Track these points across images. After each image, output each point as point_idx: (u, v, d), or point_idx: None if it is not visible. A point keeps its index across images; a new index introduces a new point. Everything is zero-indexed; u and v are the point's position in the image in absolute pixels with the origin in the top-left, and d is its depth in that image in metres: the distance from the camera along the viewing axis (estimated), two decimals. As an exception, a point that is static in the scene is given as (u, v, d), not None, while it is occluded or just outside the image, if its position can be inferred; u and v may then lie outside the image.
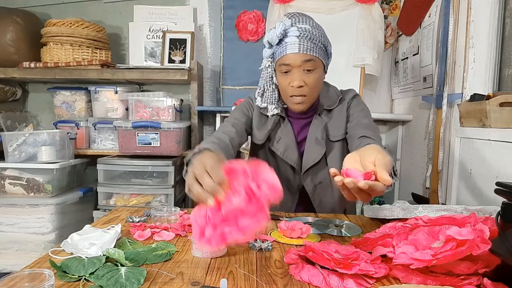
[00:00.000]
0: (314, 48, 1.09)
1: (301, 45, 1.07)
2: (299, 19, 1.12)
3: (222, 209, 0.73)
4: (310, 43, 1.08)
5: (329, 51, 1.15)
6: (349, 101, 1.23)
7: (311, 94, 1.14)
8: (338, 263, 0.72)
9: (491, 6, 1.41)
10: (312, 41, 1.08)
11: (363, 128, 1.13)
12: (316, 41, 1.09)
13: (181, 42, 2.19)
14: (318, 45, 1.10)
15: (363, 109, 1.22)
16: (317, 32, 1.10)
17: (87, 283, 0.71)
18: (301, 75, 1.10)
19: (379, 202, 2.25)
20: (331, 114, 1.23)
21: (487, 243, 0.67)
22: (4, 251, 1.87)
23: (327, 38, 1.14)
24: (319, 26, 1.14)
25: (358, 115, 1.19)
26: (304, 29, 1.08)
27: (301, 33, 1.08)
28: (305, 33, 1.08)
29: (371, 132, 1.11)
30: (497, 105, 1.21)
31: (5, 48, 2.06)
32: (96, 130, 2.15)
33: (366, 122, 1.16)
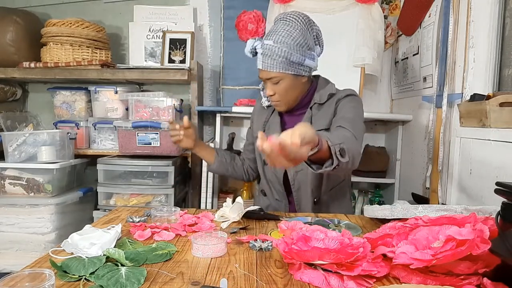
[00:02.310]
0: (274, 64, 1.20)
1: (263, 62, 1.22)
2: (268, 35, 1.23)
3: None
4: (270, 60, 1.20)
5: (296, 60, 1.21)
6: (341, 98, 1.30)
7: (284, 99, 1.28)
8: (340, 265, 0.72)
9: (491, 6, 1.41)
10: (272, 57, 1.20)
11: (343, 120, 1.21)
12: (276, 57, 1.19)
13: (181, 42, 2.19)
14: (278, 60, 1.20)
15: (353, 106, 1.28)
16: (278, 48, 1.19)
17: (88, 283, 0.71)
18: (271, 86, 1.26)
19: (379, 202, 2.25)
20: (321, 108, 1.32)
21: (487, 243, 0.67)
22: (4, 251, 1.87)
23: (294, 47, 1.20)
24: (288, 36, 1.20)
25: (345, 110, 1.26)
26: (266, 46, 1.20)
27: (264, 51, 1.21)
28: (266, 51, 1.20)
29: (349, 124, 1.18)
30: (497, 105, 1.21)
31: (5, 48, 2.06)
32: (96, 130, 2.15)
33: (349, 116, 1.23)
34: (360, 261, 0.73)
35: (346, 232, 0.85)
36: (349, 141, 1.10)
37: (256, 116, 1.48)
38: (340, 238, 0.79)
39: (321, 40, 1.32)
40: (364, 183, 2.35)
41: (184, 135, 1.39)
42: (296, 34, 1.21)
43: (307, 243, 0.77)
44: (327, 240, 0.78)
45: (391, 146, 2.26)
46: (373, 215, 1.07)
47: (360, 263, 0.72)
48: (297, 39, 1.21)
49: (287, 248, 0.76)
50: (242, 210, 1.14)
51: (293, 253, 0.75)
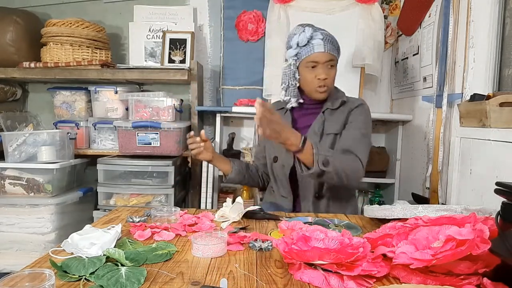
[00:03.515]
0: (334, 49, 1.37)
1: (325, 46, 1.35)
2: (317, 27, 1.39)
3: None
4: (331, 45, 1.36)
5: (340, 51, 1.42)
6: (354, 108, 1.42)
7: (331, 85, 1.42)
8: (340, 265, 0.72)
9: (491, 6, 1.41)
10: (332, 43, 1.37)
11: (351, 139, 1.35)
12: (335, 43, 1.39)
13: (181, 42, 2.19)
14: (336, 46, 1.39)
15: (363, 121, 1.40)
16: (333, 37, 1.39)
17: (88, 283, 0.71)
18: (326, 70, 1.37)
19: (379, 202, 2.25)
20: (334, 114, 1.42)
21: (487, 243, 0.67)
22: (4, 251, 1.87)
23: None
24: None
25: (355, 125, 1.38)
26: (325, 33, 1.37)
27: (324, 37, 1.35)
28: (327, 37, 1.36)
29: (355, 144, 1.32)
30: (497, 105, 1.21)
31: (5, 48, 2.06)
32: (96, 130, 2.15)
33: (356, 134, 1.35)
34: (360, 261, 0.73)
35: (346, 232, 0.85)
36: (348, 161, 1.28)
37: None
38: (340, 238, 0.79)
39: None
40: (364, 183, 2.35)
41: (203, 148, 1.44)
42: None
43: (307, 243, 0.77)
44: (327, 240, 0.79)
45: (391, 146, 2.26)
46: (373, 215, 1.07)
47: (360, 263, 0.72)
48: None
49: (287, 248, 0.76)
50: (242, 210, 1.14)
51: (293, 253, 0.75)
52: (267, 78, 2.17)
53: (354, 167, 1.28)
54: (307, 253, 0.73)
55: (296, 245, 0.76)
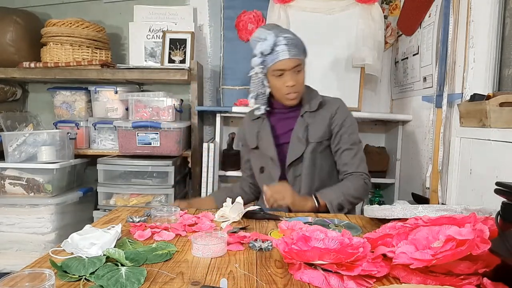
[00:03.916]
0: (299, 52, 1.34)
1: (290, 51, 1.31)
2: (281, 30, 1.36)
3: None
4: (296, 50, 1.33)
5: (306, 51, 1.39)
6: (334, 113, 1.42)
7: (301, 90, 1.39)
8: (340, 265, 0.72)
9: (491, 6, 1.41)
10: (297, 46, 1.33)
11: (349, 158, 1.40)
12: (299, 45, 1.35)
13: (181, 42, 2.19)
14: (301, 48, 1.36)
15: (351, 128, 1.42)
16: (297, 38, 1.35)
17: (88, 283, 0.71)
18: (294, 76, 1.34)
19: (379, 202, 2.25)
20: (314, 117, 1.42)
21: (487, 243, 0.67)
22: (4, 251, 1.87)
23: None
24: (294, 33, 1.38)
25: (348, 138, 1.40)
26: (289, 38, 1.33)
27: (288, 41, 1.31)
28: (291, 41, 1.32)
29: (356, 162, 1.39)
30: (497, 105, 1.21)
31: (5, 48, 2.06)
32: (96, 130, 2.15)
33: (354, 149, 1.40)
34: (360, 261, 0.73)
35: (346, 232, 0.85)
36: (358, 187, 1.36)
37: (247, 132, 1.53)
38: (340, 238, 0.79)
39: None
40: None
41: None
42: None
43: (307, 243, 0.77)
44: (327, 240, 0.78)
45: (391, 146, 2.26)
46: (373, 215, 1.07)
47: (360, 263, 0.72)
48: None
49: (287, 248, 0.76)
50: (242, 210, 1.14)
51: (293, 253, 0.75)
52: (267, 78, 2.17)
53: (364, 189, 1.39)
54: (307, 253, 0.73)
55: (296, 245, 0.76)
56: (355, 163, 1.40)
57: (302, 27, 2.15)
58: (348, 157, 1.40)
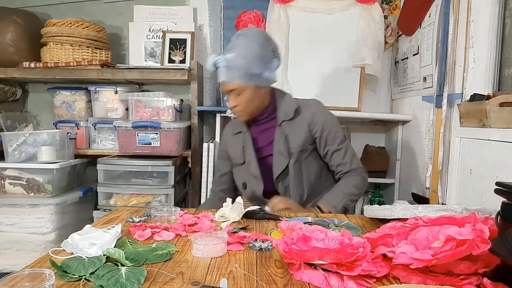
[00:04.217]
0: (236, 76, 1.27)
1: (227, 75, 1.28)
2: (228, 49, 1.29)
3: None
4: (233, 72, 1.26)
5: (255, 72, 1.28)
6: (312, 118, 1.38)
7: (247, 109, 1.35)
8: (340, 265, 0.72)
9: (491, 6, 1.41)
10: (234, 69, 1.26)
11: (341, 157, 1.39)
12: (238, 69, 1.26)
13: (181, 42, 2.19)
14: (240, 72, 1.26)
15: (334, 127, 1.40)
16: (239, 61, 1.25)
17: (88, 283, 0.71)
18: (234, 98, 1.31)
19: (379, 202, 2.25)
20: (292, 125, 1.39)
21: (487, 243, 0.67)
22: (4, 251, 1.87)
23: (253, 60, 1.26)
24: (247, 50, 1.26)
25: (333, 138, 1.39)
26: (228, 60, 1.26)
27: (226, 63, 1.26)
28: (229, 64, 1.26)
29: (348, 159, 1.40)
30: (497, 105, 1.21)
31: (5, 48, 2.06)
32: (96, 130, 2.15)
33: (342, 148, 1.39)
34: (360, 261, 0.73)
35: (346, 232, 0.85)
36: (357, 183, 1.38)
37: (231, 148, 1.51)
38: (340, 238, 0.79)
39: (278, 54, 1.37)
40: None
41: None
42: (255, 47, 1.27)
43: (307, 243, 0.77)
44: (327, 240, 0.78)
45: (391, 146, 2.26)
46: (373, 215, 1.07)
47: (360, 263, 0.72)
48: (256, 52, 1.27)
49: (287, 248, 0.76)
50: (242, 210, 1.14)
51: (293, 253, 0.75)
52: (267, 78, 2.17)
53: (364, 183, 1.41)
54: (307, 253, 0.73)
55: (296, 245, 0.76)
56: (348, 161, 1.40)
57: (302, 27, 2.15)
58: (339, 157, 1.40)
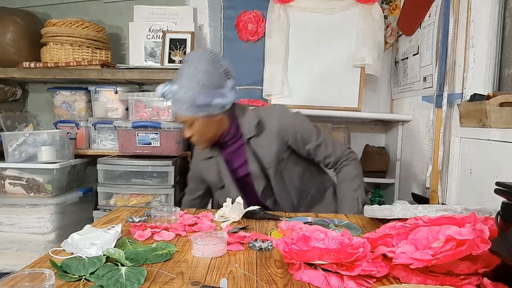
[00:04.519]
0: (183, 109, 1.23)
1: (175, 107, 1.25)
2: (175, 79, 1.24)
3: None
4: (179, 105, 1.23)
5: (203, 102, 1.21)
6: (278, 128, 1.33)
7: (202, 138, 1.32)
8: (340, 265, 0.72)
9: (491, 6, 1.41)
10: (179, 102, 1.22)
11: (324, 152, 1.38)
12: (183, 102, 1.21)
13: (181, 42, 2.19)
14: (186, 105, 1.21)
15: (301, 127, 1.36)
16: (183, 93, 1.20)
17: (88, 283, 0.71)
18: (187, 128, 1.29)
19: (379, 202, 2.25)
20: (260, 140, 1.34)
21: (487, 243, 0.67)
22: (4, 251, 1.87)
23: (199, 90, 1.20)
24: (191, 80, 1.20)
25: (308, 139, 1.36)
26: (172, 92, 1.22)
27: (172, 96, 1.23)
28: (174, 96, 1.22)
29: (330, 149, 1.38)
30: (497, 105, 1.21)
31: (5, 48, 2.06)
32: (96, 130, 2.15)
33: (321, 144, 1.37)
34: (360, 261, 0.73)
35: (346, 232, 0.85)
36: (356, 167, 1.40)
37: (204, 171, 1.47)
38: (340, 238, 0.79)
39: (230, 74, 1.30)
40: (364, 183, 2.35)
41: None
42: (200, 76, 1.21)
43: (307, 243, 0.77)
44: (327, 240, 0.79)
45: (391, 146, 2.26)
46: (373, 215, 1.07)
47: (360, 263, 0.72)
48: (202, 80, 1.20)
49: (287, 248, 0.76)
50: (242, 210, 1.14)
51: (293, 253, 0.75)
52: (267, 78, 2.17)
53: (357, 166, 1.42)
54: (307, 253, 0.73)
55: (296, 245, 0.76)
56: (331, 151, 1.38)
57: (302, 27, 2.15)
58: (322, 151, 1.38)
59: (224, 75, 1.27)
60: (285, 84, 2.14)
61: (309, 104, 2.15)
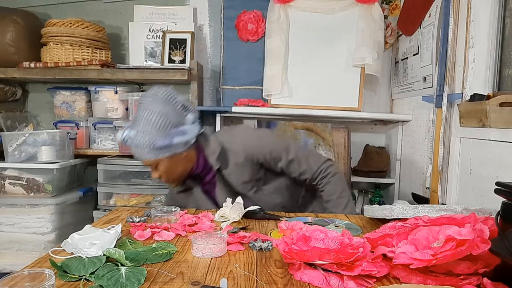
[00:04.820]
0: (143, 154, 1.20)
1: (135, 153, 1.22)
2: (133, 123, 1.21)
3: None
4: (139, 150, 1.20)
5: (162, 144, 1.18)
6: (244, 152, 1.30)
7: (171, 177, 1.29)
8: (340, 265, 0.72)
9: (491, 6, 1.41)
10: (138, 147, 1.19)
11: (301, 169, 1.32)
12: (142, 146, 1.18)
13: (181, 42, 2.19)
14: (145, 149, 1.19)
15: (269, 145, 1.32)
16: (141, 138, 1.17)
17: (88, 283, 0.71)
18: (153, 170, 1.27)
19: (379, 202, 2.25)
20: (230, 170, 1.31)
21: (487, 243, 0.67)
22: (4, 251, 1.87)
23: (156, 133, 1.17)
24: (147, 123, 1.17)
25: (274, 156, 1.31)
26: (130, 138, 1.19)
27: (131, 142, 1.20)
28: (133, 142, 1.19)
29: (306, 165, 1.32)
30: (497, 105, 1.21)
31: (5, 48, 2.06)
32: (96, 130, 2.15)
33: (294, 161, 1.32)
34: (360, 261, 0.73)
35: (346, 232, 0.85)
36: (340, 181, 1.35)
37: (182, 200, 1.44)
38: (340, 238, 0.79)
39: (190, 108, 1.28)
40: (364, 183, 2.35)
41: None
42: (156, 118, 1.17)
43: (307, 243, 0.77)
44: (327, 240, 0.79)
45: (391, 146, 2.26)
46: (373, 215, 1.07)
47: (360, 263, 0.72)
48: (158, 123, 1.17)
49: (287, 248, 0.76)
50: (242, 210, 1.14)
51: (293, 253, 0.75)
52: (267, 78, 2.17)
53: (340, 178, 1.36)
54: (307, 253, 0.73)
55: (296, 245, 0.76)
56: (306, 167, 1.33)
57: (302, 27, 2.15)
58: (295, 168, 1.33)
59: (181, 111, 1.23)
60: (285, 84, 2.14)
61: (309, 104, 2.15)
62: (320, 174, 1.33)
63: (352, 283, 0.70)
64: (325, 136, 1.89)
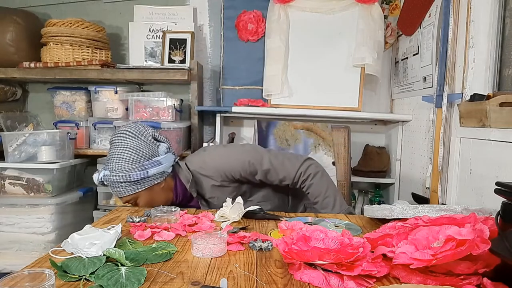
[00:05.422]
0: (121, 191, 1.23)
1: (112, 191, 1.24)
2: (106, 163, 1.24)
3: None
4: (116, 188, 1.23)
5: (137, 178, 1.21)
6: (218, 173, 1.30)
7: (153, 205, 1.24)
8: (340, 265, 0.72)
9: (491, 6, 1.41)
10: (115, 185, 1.22)
11: (280, 176, 1.31)
12: (118, 184, 1.22)
13: (181, 42, 2.19)
14: (122, 186, 1.22)
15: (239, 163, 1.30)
16: (115, 176, 1.20)
17: (88, 283, 0.71)
18: (134, 204, 1.28)
19: (379, 202, 2.25)
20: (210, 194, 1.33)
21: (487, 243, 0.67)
22: (4, 251, 1.87)
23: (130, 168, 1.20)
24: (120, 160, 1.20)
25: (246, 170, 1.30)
26: (106, 178, 1.21)
27: (108, 180, 1.22)
28: (108, 181, 1.22)
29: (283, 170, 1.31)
30: (497, 105, 1.21)
31: (5, 48, 2.06)
32: (96, 130, 2.15)
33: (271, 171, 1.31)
34: (360, 261, 0.73)
35: (346, 232, 0.85)
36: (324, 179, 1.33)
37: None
38: (340, 238, 0.79)
39: (162, 139, 1.32)
40: (364, 183, 2.35)
41: None
42: (128, 153, 1.21)
43: (307, 243, 0.77)
44: (327, 240, 0.79)
45: (391, 146, 2.26)
46: (373, 215, 1.07)
47: (360, 263, 0.72)
48: (130, 157, 1.21)
49: (287, 248, 0.76)
50: (242, 210, 1.14)
51: (293, 253, 0.75)
52: (267, 78, 2.17)
53: (321, 179, 1.33)
54: (307, 253, 0.73)
55: (296, 245, 0.76)
56: (284, 174, 1.32)
57: (302, 27, 2.15)
58: (273, 177, 1.33)
59: (153, 142, 1.27)
60: (285, 84, 2.14)
61: (309, 104, 2.15)
62: (300, 177, 1.32)
63: (352, 283, 0.70)
64: (325, 136, 1.89)
